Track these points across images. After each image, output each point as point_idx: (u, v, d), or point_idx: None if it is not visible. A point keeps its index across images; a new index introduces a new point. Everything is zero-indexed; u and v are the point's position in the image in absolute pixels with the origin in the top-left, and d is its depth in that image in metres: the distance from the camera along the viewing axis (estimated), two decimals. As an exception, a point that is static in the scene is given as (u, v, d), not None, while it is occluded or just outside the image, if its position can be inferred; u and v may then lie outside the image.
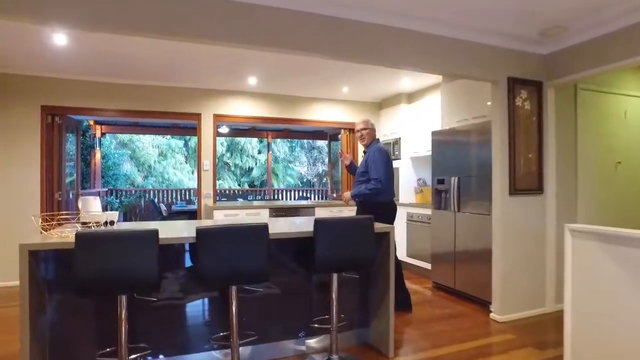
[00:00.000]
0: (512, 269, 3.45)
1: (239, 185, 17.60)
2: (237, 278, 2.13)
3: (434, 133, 4.52)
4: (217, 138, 13.70)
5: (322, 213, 5.17)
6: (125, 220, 8.99)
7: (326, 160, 18.37)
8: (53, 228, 2.35)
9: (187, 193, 9.71)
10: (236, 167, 16.93)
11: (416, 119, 5.50)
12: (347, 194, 3.67)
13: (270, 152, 9.57)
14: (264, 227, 2.14)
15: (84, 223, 2.46)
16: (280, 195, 11.08)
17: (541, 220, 3.59)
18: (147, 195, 9.55)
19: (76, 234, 1.84)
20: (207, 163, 5.17)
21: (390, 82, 5.09)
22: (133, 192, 9.44)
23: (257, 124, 8.16)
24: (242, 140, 15.78)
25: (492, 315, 3.47)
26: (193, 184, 13.72)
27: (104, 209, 8.54)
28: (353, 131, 6.04)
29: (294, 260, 2.74)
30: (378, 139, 3.75)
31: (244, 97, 5.37)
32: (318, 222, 2.31)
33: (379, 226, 2.68)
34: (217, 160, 14.78)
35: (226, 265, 2.06)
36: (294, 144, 19.68)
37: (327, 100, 5.85)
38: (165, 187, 12.70)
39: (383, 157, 3.52)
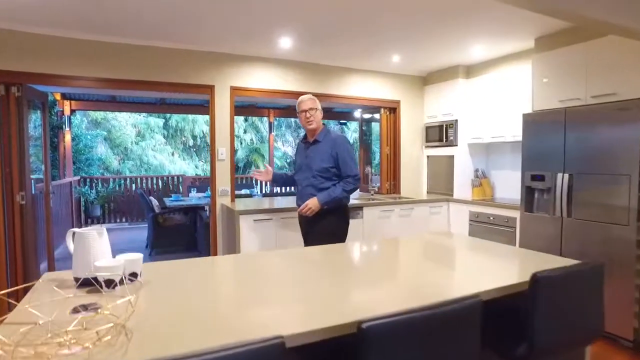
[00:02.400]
0: (672, 301, 2.56)
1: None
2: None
3: (526, 116, 3.52)
4: (202, 116, 12.17)
5: (371, 215, 4.13)
6: (103, 213, 7.64)
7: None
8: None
9: (175, 181, 8.39)
10: (220, 148, 15.53)
11: (477, 97, 4.49)
12: (315, 203, 2.69)
13: (272, 133, 8.33)
14: (476, 305, 1.08)
15: (78, 279, 1.33)
16: (279, 182, 9.89)
17: (701, 233, 2.71)
18: (126, 182, 8.18)
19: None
20: (223, 151, 3.98)
21: (456, 50, 4.00)
22: (111, 180, 8.02)
23: (261, 101, 6.94)
24: (227, 118, 14.38)
25: (643, 362, 2.59)
26: (175, 168, 12.30)
27: (77, 202, 7.15)
28: (395, 110, 4.98)
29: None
30: (324, 124, 2.92)
31: (267, 65, 4.17)
32: (540, 280, 1.27)
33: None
34: (200, 140, 13.32)
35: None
36: (279, 122, 18.43)
37: (363, 72, 4.72)
38: (144, 171, 11.27)
39: (352, 147, 2.86)
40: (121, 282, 1.33)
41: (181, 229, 5.66)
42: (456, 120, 4.63)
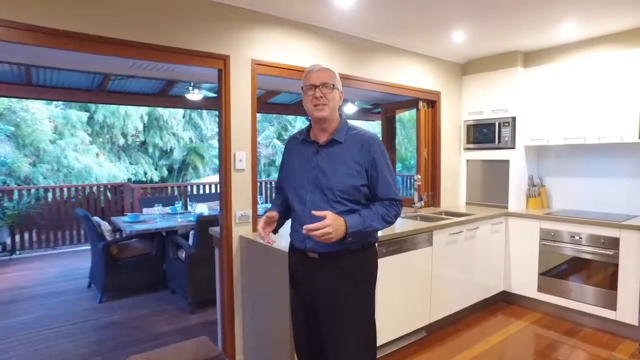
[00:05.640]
0: None
1: (156, 169, 14.18)
2: None
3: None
4: (135, 109, 10.23)
5: (440, 241, 3.10)
6: (13, 238, 5.63)
7: (275, 139, 15.61)
8: None
9: (117, 191, 6.55)
10: (154, 148, 13.46)
11: (542, 90, 3.71)
12: (338, 224, 1.56)
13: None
14: None
15: None
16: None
17: None
18: (47, 194, 6.18)
19: None
20: (242, 157, 2.65)
21: (540, 25, 3.12)
22: (25, 193, 5.97)
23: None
24: (165, 113, 12.34)
25: None
26: (103, 173, 10.11)
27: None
28: (434, 104, 4.02)
29: None
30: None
31: (298, 32, 2.91)
32: None
33: None
34: (131, 139, 11.30)
35: None
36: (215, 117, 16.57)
37: (404, 54, 3.65)
38: (63, 177, 9.02)
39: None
40: None
41: (144, 262, 4.12)
42: (513, 118, 3.79)
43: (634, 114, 3.14)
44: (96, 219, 4.15)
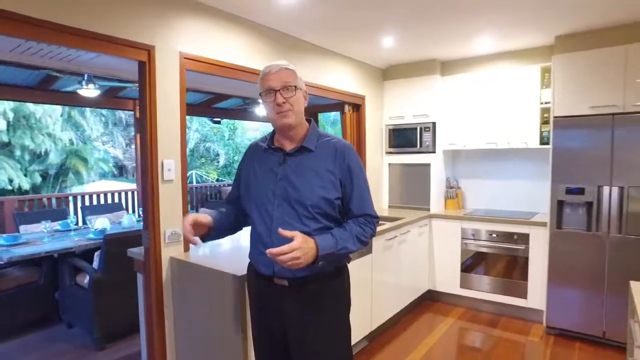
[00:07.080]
0: None
1: (26, 175, 12.07)
2: None
3: (559, 121, 3.12)
4: (1, 104, 8.53)
5: (379, 247, 3.08)
6: None
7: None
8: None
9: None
10: (23, 150, 11.41)
11: (458, 98, 3.96)
12: (308, 246, 1.33)
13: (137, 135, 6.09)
14: None
15: None
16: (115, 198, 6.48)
17: None
18: None
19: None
20: (170, 165, 2.26)
21: (459, 36, 3.30)
22: None
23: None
24: (37, 110, 10.48)
25: None
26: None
27: None
28: (359, 108, 4.04)
29: None
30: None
31: (224, 24, 2.61)
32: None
33: None
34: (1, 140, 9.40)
35: None
36: (106, 117, 15.08)
37: (332, 55, 3.58)
38: None
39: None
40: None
41: (28, 293, 3.34)
42: (434, 123, 3.99)
43: (535, 123, 3.53)
44: (-44, 244, 3.24)
